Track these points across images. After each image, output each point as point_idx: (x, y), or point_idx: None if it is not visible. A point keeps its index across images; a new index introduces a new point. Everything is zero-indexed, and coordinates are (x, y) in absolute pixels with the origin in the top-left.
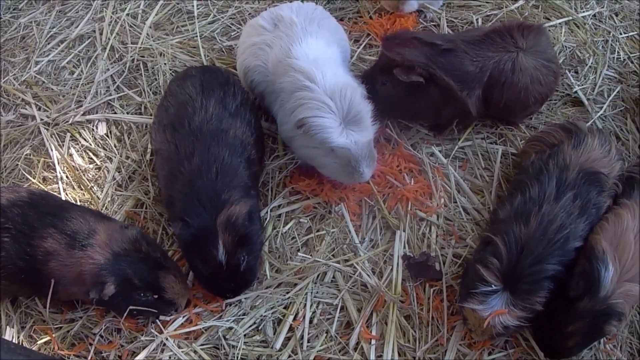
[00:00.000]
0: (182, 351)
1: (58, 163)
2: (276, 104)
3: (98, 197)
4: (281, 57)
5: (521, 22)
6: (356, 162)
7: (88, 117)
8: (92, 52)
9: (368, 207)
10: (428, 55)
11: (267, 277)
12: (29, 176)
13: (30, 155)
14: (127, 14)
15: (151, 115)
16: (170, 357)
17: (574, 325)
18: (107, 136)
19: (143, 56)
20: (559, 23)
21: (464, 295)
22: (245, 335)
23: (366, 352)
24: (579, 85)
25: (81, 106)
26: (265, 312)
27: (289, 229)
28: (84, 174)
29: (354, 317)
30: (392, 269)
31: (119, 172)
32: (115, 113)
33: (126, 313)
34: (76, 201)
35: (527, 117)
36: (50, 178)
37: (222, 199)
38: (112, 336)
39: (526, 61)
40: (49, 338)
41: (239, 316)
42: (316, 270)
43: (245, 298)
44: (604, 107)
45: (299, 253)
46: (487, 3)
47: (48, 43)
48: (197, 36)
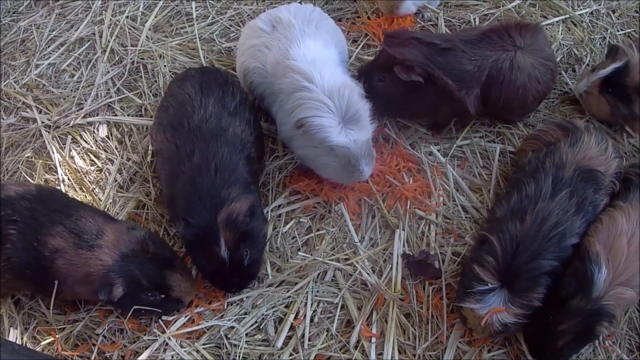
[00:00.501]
0: (185, 350)
1: (59, 165)
2: (275, 105)
3: (99, 199)
4: (280, 59)
5: (518, 21)
6: (356, 161)
7: (89, 120)
8: (92, 55)
9: (367, 207)
10: (427, 54)
11: (269, 276)
12: (30, 179)
13: (31, 158)
14: (127, 17)
15: (151, 117)
16: (172, 357)
17: (565, 324)
18: (108, 138)
19: (143, 58)
20: (556, 21)
21: (462, 294)
22: (246, 334)
23: (367, 350)
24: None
25: (82, 109)
26: (266, 311)
27: (289, 229)
28: (86, 176)
29: (355, 316)
30: (392, 268)
31: (120, 174)
32: (115, 115)
33: (130, 313)
34: None
35: (526, 117)
36: (51, 180)
37: (222, 196)
38: (115, 336)
39: (524, 59)
40: (53, 339)
41: (241, 315)
42: (316, 269)
43: (246, 297)
44: None
45: (300, 252)
46: (485, 2)
47: (48, 46)
48: (197, 38)
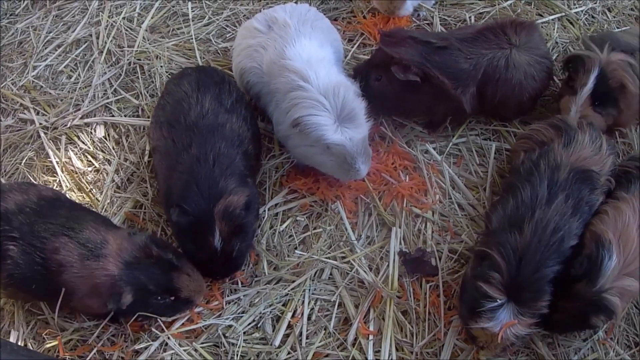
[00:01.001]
0: (184, 350)
1: (58, 166)
2: (271, 105)
3: (97, 199)
4: (275, 59)
5: (514, 19)
6: (352, 159)
7: (86, 121)
8: (89, 56)
9: (364, 205)
10: (423, 53)
11: (266, 274)
12: (29, 181)
13: (29, 159)
14: (123, 18)
15: (148, 117)
16: (172, 357)
17: (565, 302)
18: (106, 139)
19: (139, 59)
20: (552, 19)
21: (469, 314)
22: (244, 332)
23: (364, 348)
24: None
25: (79, 110)
26: (264, 310)
27: (286, 227)
28: (83, 177)
29: (352, 313)
30: (389, 265)
31: (118, 174)
32: (113, 116)
33: (134, 318)
34: None
35: (521, 114)
36: (50, 182)
37: (220, 187)
38: (116, 337)
39: (519, 57)
40: (56, 342)
41: (238, 314)
42: (313, 267)
43: (243, 296)
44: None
45: (296, 251)
46: (480, 0)
47: (45, 48)
48: (193, 38)
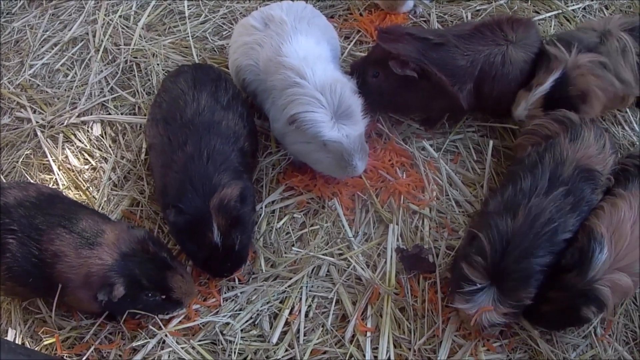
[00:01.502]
0: (181, 347)
1: (54, 165)
2: (268, 102)
3: (94, 197)
4: (272, 56)
5: (511, 16)
6: (349, 156)
7: (83, 119)
8: (86, 55)
9: (361, 202)
10: (421, 50)
11: (263, 271)
12: (27, 179)
13: (26, 157)
14: (120, 16)
15: (145, 115)
16: (169, 354)
17: (555, 292)
18: (102, 137)
19: (136, 57)
20: (549, 16)
21: (451, 292)
22: (242, 330)
23: (362, 345)
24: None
25: (76, 108)
26: (261, 307)
27: (283, 224)
28: (80, 175)
29: (349, 310)
30: (386, 262)
31: (115, 172)
32: (109, 114)
33: (125, 315)
34: None
35: None
36: (47, 180)
37: (214, 182)
38: (113, 335)
39: (516, 54)
40: (53, 340)
41: (236, 311)
42: (311, 264)
43: (241, 293)
44: None
45: (293, 248)
46: None
47: (42, 46)
48: (189, 36)
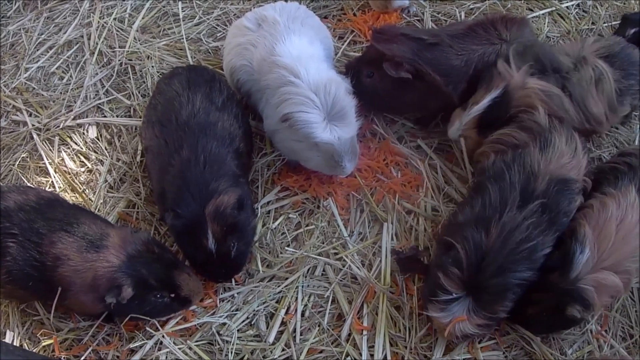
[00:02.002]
0: (178, 348)
1: (51, 167)
2: (262, 102)
3: (90, 200)
4: (265, 56)
5: (504, 15)
6: (339, 157)
7: (78, 122)
8: (81, 57)
9: (356, 201)
10: (415, 50)
11: (259, 272)
12: (23, 182)
13: (23, 160)
14: (114, 19)
15: (140, 117)
16: (167, 355)
17: (539, 293)
18: (98, 139)
19: (131, 60)
20: (543, 14)
21: (425, 299)
22: (238, 330)
23: (358, 343)
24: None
25: (71, 111)
26: (257, 307)
27: (279, 225)
28: (76, 178)
29: (345, 309)
30: (381, 261)
31: (111, 174)
32: (105, 116)
33: (127, 319)
34: None
35: None
36: (43, 183)
37: (211, 188)
38: (111, 337)
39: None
40: (51, 341)
41: (232, 312)
42: (306, 264)
43: (237, 293)
44: None
45: (289, 248)
46: None
47: (37, 49)
48: (184, 38)
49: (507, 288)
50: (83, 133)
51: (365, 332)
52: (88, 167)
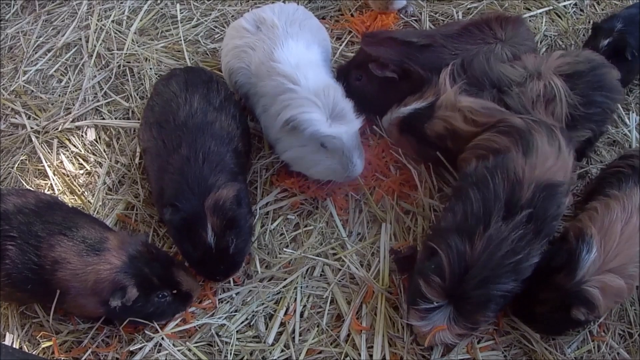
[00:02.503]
0: (178, 350)
1: (49, 170)
2: (259, 106)
3: (89, 202)
4: (264, 60)
5: (499, 14)
6: (349, 152)
7: (77, 124)
8: (79, 60)
9: (354, 201)
10: (404, 53)
11: (258, 273)
12: (22, 185)
13: (22, 163)
14: (112, 21)
15: (139, 119)
16: (166, 356)
17: (546, 293)
18: (96, 142)
19: (129, 62)
20: (540, 13)
21: (407, 305)
22: (237, 331)
23: (357, 344)
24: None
25: (70, 113)
26: (256, 308)
27: (277, 226)
28: (75, 180)
29: (344, 310)
30: (380, 261)
31: (109, 177)
32: (103, 119)
33: (126, 322)
34: None
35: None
36: (42, 185)
37: (209, 183)
38: (111, 339)
39: (506, 52)
40: (51, 343)
41: (231, 313)
42: (305, 264)
43: (236, 294)
44: None
45: (288, 249)
46: None
47: (35, 52)
48: (182, 40)
49: (490, 299)
50: (82, 135)
51: (364, 333)
52: (87, 170)
